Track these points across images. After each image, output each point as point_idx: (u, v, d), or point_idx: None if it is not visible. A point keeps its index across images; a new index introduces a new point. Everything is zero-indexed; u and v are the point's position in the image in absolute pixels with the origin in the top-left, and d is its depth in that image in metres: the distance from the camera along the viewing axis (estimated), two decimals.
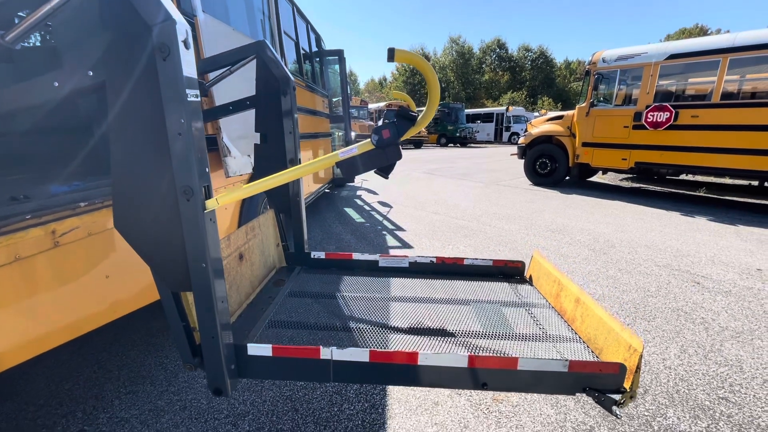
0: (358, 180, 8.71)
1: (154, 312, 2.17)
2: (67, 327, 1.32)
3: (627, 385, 1.25)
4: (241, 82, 2.16)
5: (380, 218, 5.27)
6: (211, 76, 2.01)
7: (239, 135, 2.43)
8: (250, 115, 1.99)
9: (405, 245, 4.03)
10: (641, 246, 4.02)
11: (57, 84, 1.13)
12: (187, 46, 0.95)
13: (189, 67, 0.97)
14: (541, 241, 4.20)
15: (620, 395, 1.25)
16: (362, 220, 5.18)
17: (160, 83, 0.95)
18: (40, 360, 2.02)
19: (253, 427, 1.59)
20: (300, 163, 2.02)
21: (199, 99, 1.02)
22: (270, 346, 1.31)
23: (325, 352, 1.29)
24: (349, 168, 1.23)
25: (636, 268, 3.38)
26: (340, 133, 6.52)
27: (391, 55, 1.15)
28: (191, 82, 0.98)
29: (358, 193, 7.32)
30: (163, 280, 1.17)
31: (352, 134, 7.16)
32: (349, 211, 5.79)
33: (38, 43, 2.13)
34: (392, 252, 3.82)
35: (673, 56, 6.12)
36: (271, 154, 1.99)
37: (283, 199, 2.18)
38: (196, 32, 1.98)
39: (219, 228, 1.16)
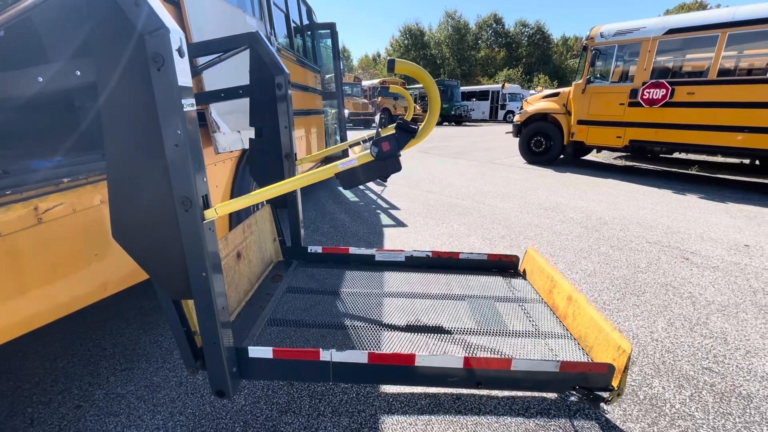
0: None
1: (146, 291, 2.16)
2: (55, 305, 1.31)
3: (615, 383, 1.29)
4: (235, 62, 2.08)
5: (374, 197, 5.25)
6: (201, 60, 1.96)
7: (228, 110, 2.37)
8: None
9: (399, 224, 4.03)
10: (633, 223, 4.06)
11: (41, 79, 1.11)
12: (181, 54, 0.92)
13: (184, 76, 0.94)
14: (534, 218, 4.22)
15: (608, 393, 1.30)
16: (356, 199, 5.15)
17: (155, 94, 0.93)
18: (34, 338, 2.02)
19: (248, 401, 1.62)
20: (295, 158, 2.01)
21: (195, 108, 1.00)
22: (270, 348, 1.33)
23: (325, 354, 1.32)
24: (350, 179, 1.24)
25: (627, 245, 3.43)
26: (333, 111, 6.37)
27: (392, 66, 1.16)
28: (187, 92, 0.96)
29: None
30: (163, 289, 1.17)
31: (345, 112, 6.99)
32: (343, 189, 5.75)
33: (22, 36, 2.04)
34: (387, 231, 3.82)
35: (671, 31, 6.01)
36: (267, 149, 1.96)
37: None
38: None
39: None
